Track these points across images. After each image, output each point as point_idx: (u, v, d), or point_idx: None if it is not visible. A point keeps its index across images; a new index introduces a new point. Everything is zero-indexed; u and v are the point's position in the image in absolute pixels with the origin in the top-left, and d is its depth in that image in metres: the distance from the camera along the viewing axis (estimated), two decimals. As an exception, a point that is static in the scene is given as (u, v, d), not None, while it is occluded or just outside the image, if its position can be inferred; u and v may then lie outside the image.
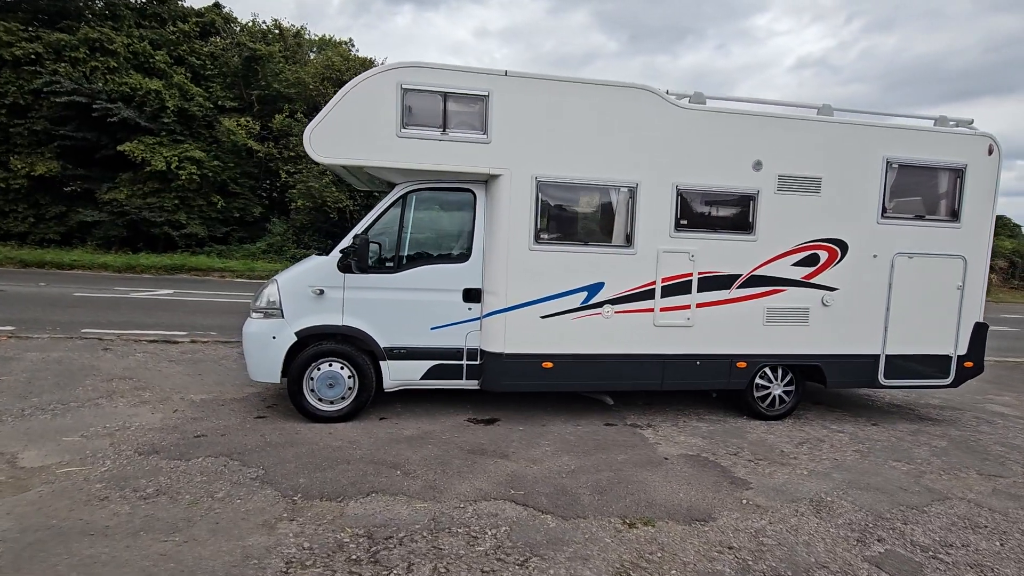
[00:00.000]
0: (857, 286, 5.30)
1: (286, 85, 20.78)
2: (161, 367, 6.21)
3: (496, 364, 4.78)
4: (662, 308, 4.98)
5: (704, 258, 5.00)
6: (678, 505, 3.60)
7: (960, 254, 5.46)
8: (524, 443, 4.53)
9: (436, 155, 4.53)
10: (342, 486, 3.61)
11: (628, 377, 5.05)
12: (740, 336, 5.16)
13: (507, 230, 4.66)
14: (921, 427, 5.61)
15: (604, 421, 5.19)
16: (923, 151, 5.30)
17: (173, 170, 17.57)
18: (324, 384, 4.71)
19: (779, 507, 3.65)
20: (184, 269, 16.00)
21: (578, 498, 3.61)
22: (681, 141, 4.89)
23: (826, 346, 5.33)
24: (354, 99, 4.37)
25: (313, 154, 4.36)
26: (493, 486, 3.72)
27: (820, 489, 3.96)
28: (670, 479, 3.98)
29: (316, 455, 4.08)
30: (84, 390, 5.29)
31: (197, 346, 7.19)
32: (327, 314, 4.65)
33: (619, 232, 4.90)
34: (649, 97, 4.80)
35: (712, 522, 3.40)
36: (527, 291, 4.75)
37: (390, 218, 4.74)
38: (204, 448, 4.12)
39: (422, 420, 4.96)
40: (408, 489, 3.61)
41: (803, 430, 5.28)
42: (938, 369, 5.58)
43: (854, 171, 5.20)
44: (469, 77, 4.51)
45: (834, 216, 5.20)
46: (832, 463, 4.48)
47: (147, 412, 4.84)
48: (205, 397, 5.32)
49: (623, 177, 4.82)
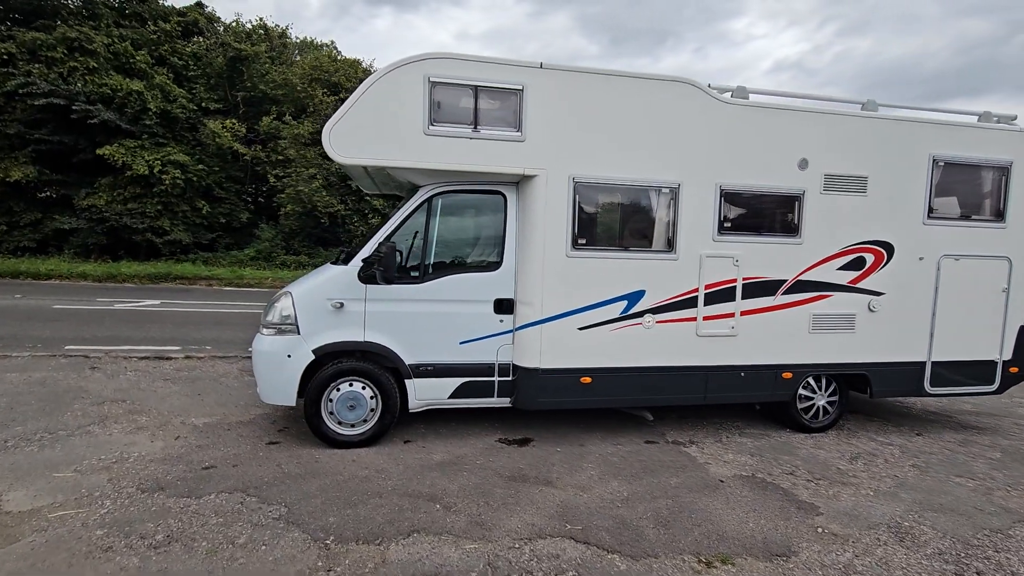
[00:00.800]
0: (903, 290, 5.05)
1: (272, 86, 20.19)
2: (156, 387, 5.72)
3: (531, 380, 4.42)
4: (705, 317, 4.66)
5: (748, 263, 4.70)
6: (751, 537, 3.26)
7: (1005, 255, 5.25)
8: (566, 467, 4.17)
9: (467, 154, 4.16)
10: (379, 525, 3.21)
11: (670, 391, 4.72)
12: (785, 345, 4.87)
13: (543, 235, 4.31)
14: (967, 436, 5.38)
15: (644, 439, 4.85)
16: (969, 148, 5.08)
17: (156, 174, 16.89)
18: (344, 406, 4.30)
19: (858, 535, 3.34)
20: (169, 278, 15.33)
21: (642, 532, 3.26)
22: (724, 138, 4.59)
23: (872, 354, 5.06)
24: (377, 93, 3.98)
25: (333, 154, 3.96)
26: (546, 520, 3.35)
27: (893, 513, 3.66)
28: (733, 506, 3.65)
29: (342, 487, 3.67)
30: (73, 416, 4.80)
31: (192, 362, 6.70)
32: (347, 329, 4.25)
33: (660, 236, 4.57)
34: (692, 91, 4.49)
35: (794, 556, 3.08)
36: (564, 301, 4.40)
37: (414, 224, 4.35)
38: (215, 482, 3.68)
39: (450, 442, 4.57)
40: (453, 527, 3.23)
41: (851, 443, 5.00)
42: (983, 375, 5.36)
43: (900, 169, 4.95)
44: (502, 70, 4.15)
45: (880, 217, 4.95)
46: (894, 481, 4.19)
47: (146, 440, 4.38)
48: (208, 421, 4.87)
49: (664, 177, 4.50)
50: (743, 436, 5.04)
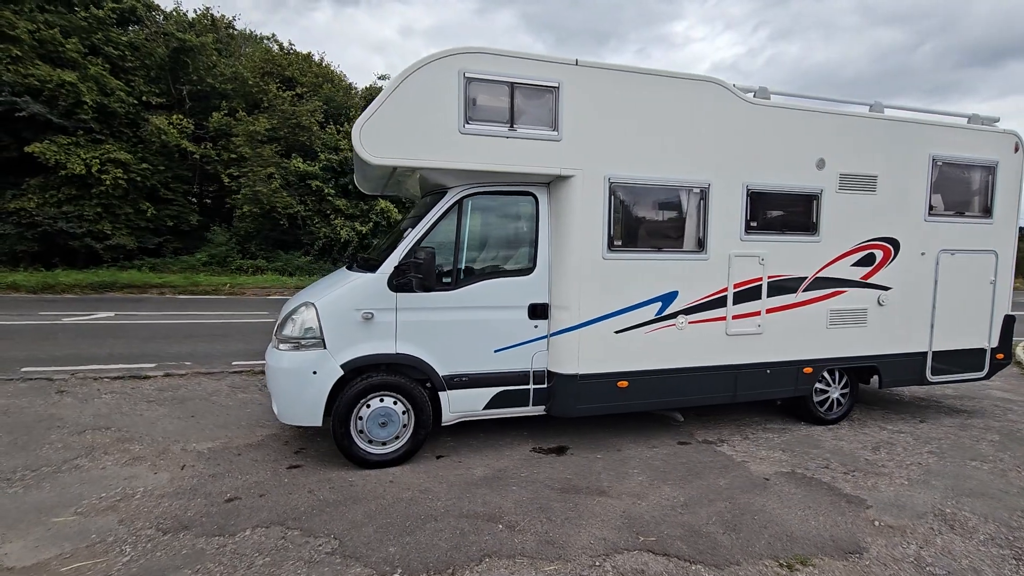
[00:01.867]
0: (908, 284, 5.27)
1: (221, 80, 19.00)
2: (140, 411, 5.18)
3: (569, 387, 4.29)
4: (734, 316, 4.68)
5: (773, 261, 4.76)
6: (818, 536, 3.27)
7: (993, 249, 5.58)
8: (612, 474, 4.07)
9: (502, 154, 3.97)
10: (445, 552, 2.99)
11: (702, 391, 4.71)
12: (806, 341, 4.97)
13: (580, 238, 4.18)
14: (962, 421, 5.69)
15: (677, 440, 4.82)
16: (962, 149, 5.35)
17: (94, 174, 15.53)
18: (375, 423, 4.02)
19: (912, 526, 3.42)
20: (115, 286, 14.11)
21: (714, 539, 3.20)
22: (751, 138, 4.61)
23: (882, 346, 5.25)
24: (410, 89, 3.72)
25: (364, 154, 3.66)
26: (615, 533, 3.23)
27: (933, 501, 3.78)
28: (787, 504, 3.66)
29: (390, 513, 3.41)
30: (53, 449, 4.25)
31: (174, 380, 6.13)
32: (377, 341, 3.97)
33: (691, 237, 4.54)
34: (720, 91, 4.48)
35: (865, 553, 3.10)
36: (600, 305, 4.29)
37: (446, 227, 4.12)
38: (245, 516, 3.34)
39: (484, 455, 4.37)
40: (524, 548, 3.05)
41: (865, 433, 5.17)
42: (975, 363, 5.68)
43: (905, 169, 5.15)
44: (538, 66, 3.98)
45: (888, 214, 5.13)
46: (920, 469, 4.35)
47: (147, 471, 3.93)
48: (212, 446, 4.44)
49: (695, 177, 4.48)
50: (766, 432, 5.11)
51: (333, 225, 18.77)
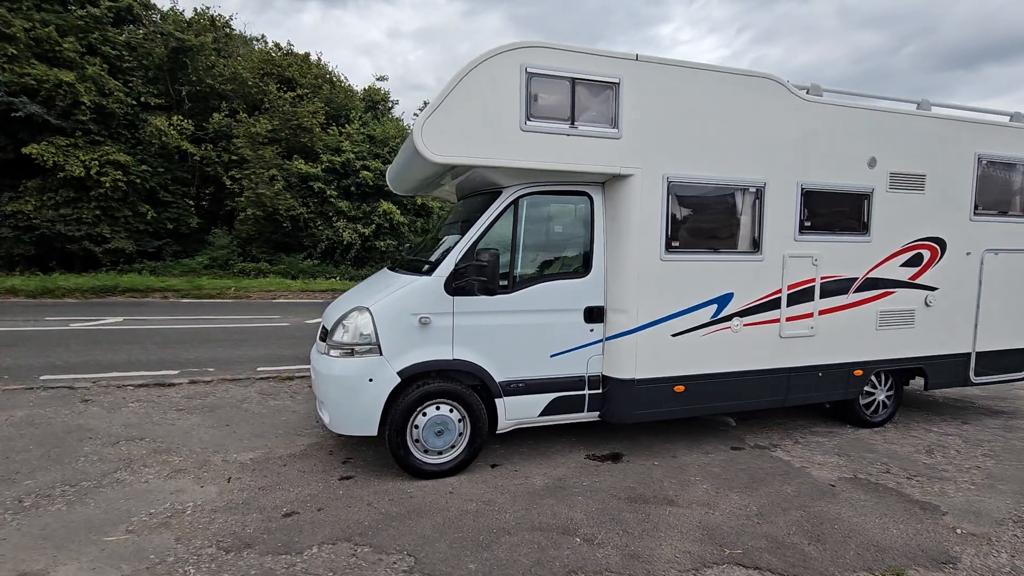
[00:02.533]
0: (953, 285, 5.22)
1: (221, 81, 18.70)
2: (171, 419, 4.99)
3: (626, 392, 4.17)
4: (788, 318, 4.59)
5: (826, 262, 4.68)
6: (904, 546, 3.18)
7: (1032, 249, 5.55)
8: (675, 482, 3.95)
9: (563, 152, 3.84)
10: (528, 568, 2.86)
11: (754, 395, 4.61)
12: (857, 343, 4.89)
13: (638, 239, 4.07)
14: (1004, 422, 5.65)
15: (729, 445, 4.72)
16: (1006, 147, 5.31)
17: (93, 176, 15.20)
18: (431, 432, 3.87)
19: (996, 533, 3.34)
20: (116, 290, 13.79)
21: (803, 551, 3.09)
22: (805, 137, 4.53)
23: (928, 347, 5.19)
24: (471, 85, 3.58)
25: (427, 152, 3.52)
26: (697, 545, 3.11)
27: (1007, 506, 3.71)
28: (861, 512, 3.57)
29: (458, 526, 3.27)
30: (89, 462, 4.06)
31: (201, 388, 5.93)
32: (434, 347, 3.82)
33: (746, 237, 4.45)
34: (776, 88, 4.39)
35: (959, 563, 3.01)
36: (658, 307, 4.18)
37: (501, 228, 3.98)
38: (308, 532, 3.18)
39: (539, 463, 4.24)
40: (609, 563, 2.93)
41: (913, 436, 5.10)
42: (1017, 363, 5.64)
43: (952, 167, 5.10)
44: (598, 61, 3.87)
45: (935, 214, 5.08)
46: (981, 473, 4.28)
47: (193, 485, 3.76)
48: (254, 456, 4.27)
49: (751, 176, 4.38)
50: (815, 435, 5.03)
51: (335, 227, 18.55)
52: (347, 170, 19.05)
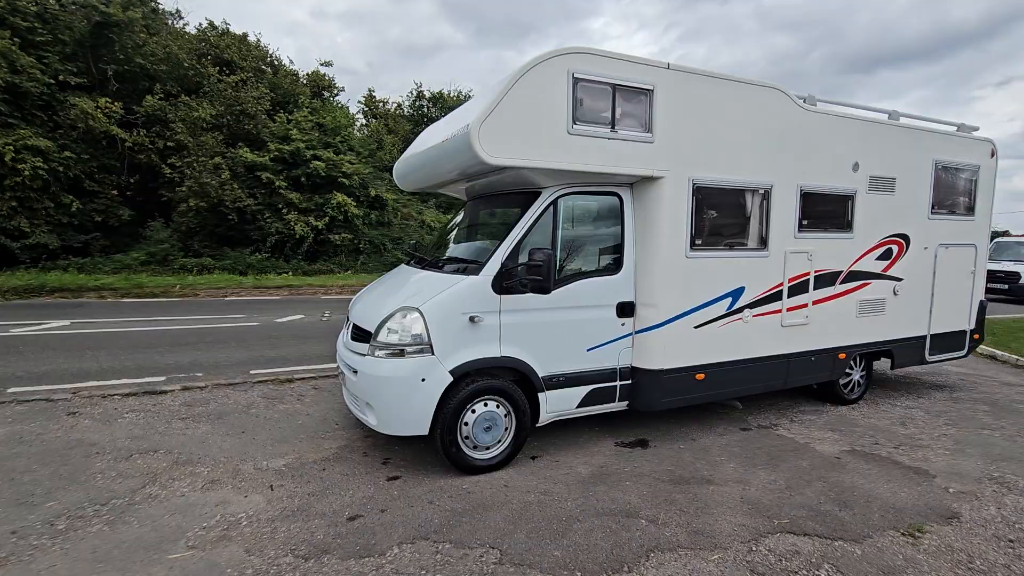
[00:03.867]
0: (915, 276, 5.90)
1: (153, 60, 17.23)
2: (178, 429, 4.72)
3: (655, 382, 4.43)
4: (788, 308, 5.04)
5: (818, 257, 5.16)
6: (915, 505, 3.65)
7: (973, 243, 6.37)
8: (705, 463, 4.27)
9: (604, 155, 4.01)
10: (609, 551, 3.04)
11: (761, 379, 5.03)
12: (842, 329, 5.43)
13: (668, 237, 4.32)
14: (949, 395, 6.46)
15: (738, 427, 5.12)
16: (956, 154, 6.05)
17: (8, 163, 13.62)
18: (481, 428, 3.95)
19: (979, 490, 3.90)
20: (43, 291, 12.50)
21: (836, 516, 3.47)
22: (803, 143, 4.95)
23: (896, 331, 5.86)
24: (524, 89, 3.65)
25: (483, 154, 3.56)
26: (748, 519, 3.42)
27: (979, 467, 4.31)
28: (870, 479, 4.03)
29: (529, 517, 3.39)
30: (108, 478, 3.80)
31: (197, 394, 5.61)
32: (483, 345, 3.89)
33: (754, 235, 4.82)
34: (781, 97, 4.77)
35: (962, 516, 3.50)
36: (683, 301, 4.46)
37: (543, 227, 4.10)
38: (382, 533, 3.19)
39: (575, 453, 4.42)
40: (678, 540, 3.16)
41: (883, 411, 5.75)
42: (958, 343, 6.47)
43: (915, 172, 5.75)
44: (636, 69, 4.05)
45: (902, 213, 5.71)
46: (949, 440, 4.92)
47: (234, 495, 3.63)
48: (286, 462, 4.16)
49: (761, 179, 4.75)
50: (805, 414, 5.55)
51: (286, 220, 17.71)
52: (297, 160, 18.21)
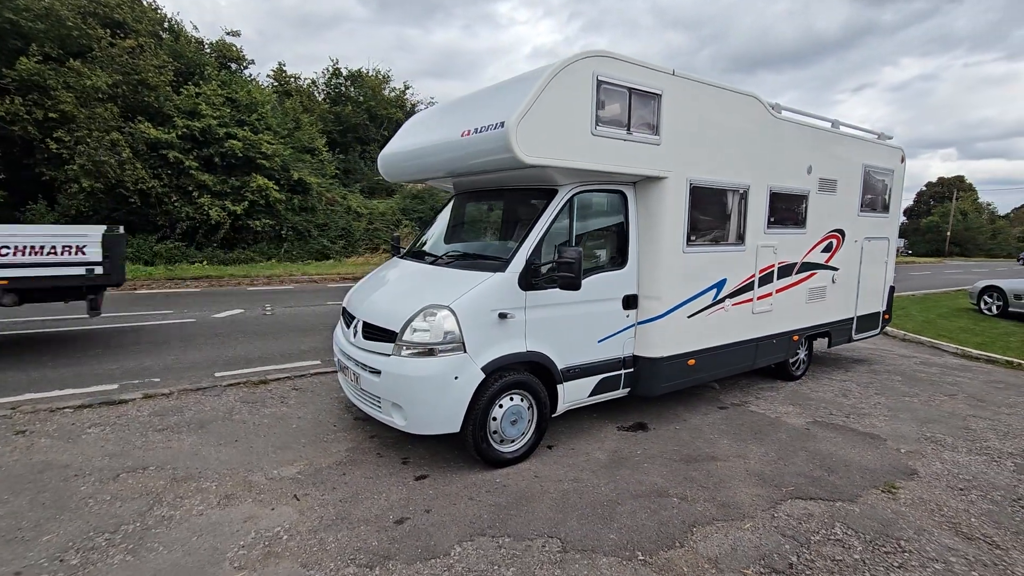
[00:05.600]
0: (848, 266, 6.76)
1: (28, 16, 14.77)
2: (159, 442, 4.30)
3: (655, 369, 4.74)
4: (758, 297, 5.58)
5: (781, 250, 5.75)
6: (881, 466, 4.27)
7: (887, 236, 7.40)
8: (703, 442, 4.66)
9: (621, 156, 4.18)
10: (656, 529, 3.29)
11: (737, 362, 5.55)
12: (796, 314, 6.11)
13: (670, 234, 4.61)
14: (868, 368, 7.50)
15: (715, 406, 5.61)
16: (878, 159, 6.96)
17: None
18: (508, 422, 4.03)
19: (921, 449, 4.63)
20: (-102, 286, 10.45)
21: (829, 480, 3.99)
22: (772, 147, 5.47)
23: (834, 315, 6.69)
24: (555, 90, 3.71)
25: (521, 153, 3.57)
26: (761, 489, 3.83)
27: (913, 429, 5.11)
28: (838, 446, 4.64)
29: (573, 504, 3.55)
30: (102, 503, 3.41)
31: (164, 402, 5.09)
32: (511, 341, 3.95)
33: (734, 231, 5.27)
34: (757, 104, 5.22)
35: (919, 472, 4.17)
36: (679, 293, 4.80)
37: (560, 224, 4.21)
38: (437, 533, 3.20)
39: (586, 440, 4.63)
40: (710, 513, 3.48)
41: (824, 384, 6.57)
42: (874, 323, 7.52)
43: (851, 175, 6.56)
44: (648, 74, 4.24)
45: (840, 211, 6.50)
46: (884, 407, 5.75)
47: (259, 509, 3.43)
48: (299, 469, 3.97)
49: (741, 180, 5.19)
50: (763, 391, 6.20)
51: (198, 204, 16.20)
52: (208, 138, 16.65)
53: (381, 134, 28.44)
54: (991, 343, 9.40)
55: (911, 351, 8.84)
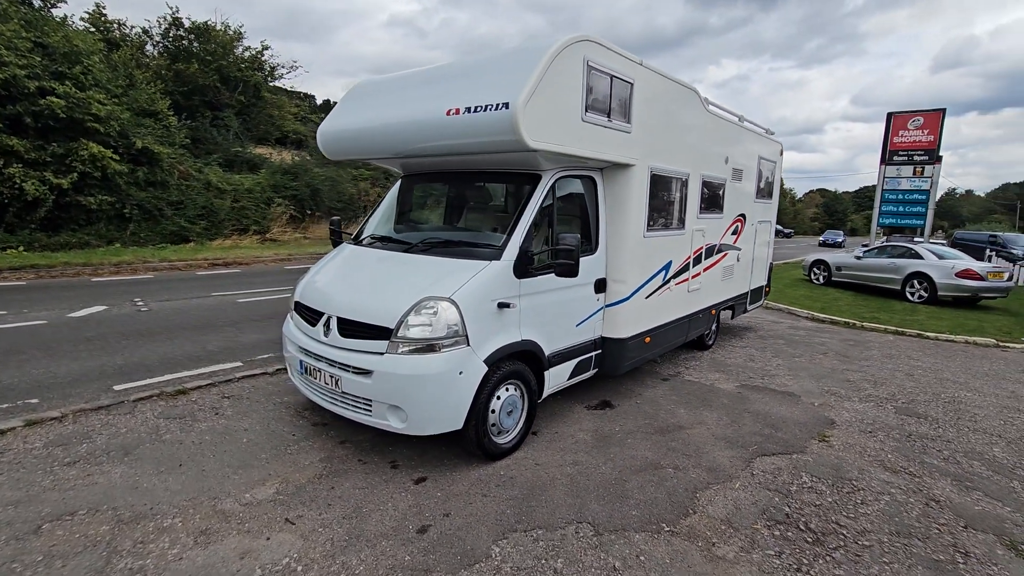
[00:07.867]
0: (747, 245, 7.69)
1: None
2: (74, 478, 3.46)
3: (621, 349, 4.97)
4: (692, 276, 6.11)
5: (708, 233, 6.34)
6: (808, 420, 5.00)
7: (769, 220, 8.54)
8: (665, 412, 5.03)
9: (601, 143, 4.23)
10: (668, 499, 3.51)
11: (676, 337, 6.04)
12: (715, 291, 6.82)
13: (635, 220, 4.81)
14: (756, 335, 8.67)
15: (657, 378, 6.06)
16: (766, 151, 7.96)
17: None
18: (505, 413, 3.95)
19: (827, 401, 5.52)
20: None
21: (778, 437, 4.56)
22: (704, 138, 5.96)
23: (737, 290, 7.58)
24: (552, 75, 3.59)
25: (527, 137, 3.41)
26: (732, 451, 4.26)
27: (813, 385, 6.06)
28: (770, 406, 5.33)
29: (584, 487, 3.62)
30: (41, 565, 2.68)
31: (58, 428, 4.04)
32: (508, 331, 3.85)
33: (677, 216, 5.66)
34: (696, 97, 5.63)
35: (837, 421, 4.97)
36: (640, 276, 5.06)
37: (545, 210, 4.16)
38: (468, 536, 3.07)
39: (564, 422, 4.71)
40: (705, 479, 3.80)
41: (731, 352, 7.46)
42: (758, 296, 8.69)
43: (751, 165, 7.41)
44: (623, 62, 4.32)
45: (744, 197, 7.34)
46: (784, 368, 6.72)
47: (249, 540, 2.98)
48: (274, 490, 3.50)
49: (685, 169, 5.58)
50: (688, 361, 6.85)
51: (6, 175, 12.97)
52: (14, 92, 13.32)
53: (237, 99, 25.22)
54: (829, 307, 11.43)
55: (776, 317, 10.39)
